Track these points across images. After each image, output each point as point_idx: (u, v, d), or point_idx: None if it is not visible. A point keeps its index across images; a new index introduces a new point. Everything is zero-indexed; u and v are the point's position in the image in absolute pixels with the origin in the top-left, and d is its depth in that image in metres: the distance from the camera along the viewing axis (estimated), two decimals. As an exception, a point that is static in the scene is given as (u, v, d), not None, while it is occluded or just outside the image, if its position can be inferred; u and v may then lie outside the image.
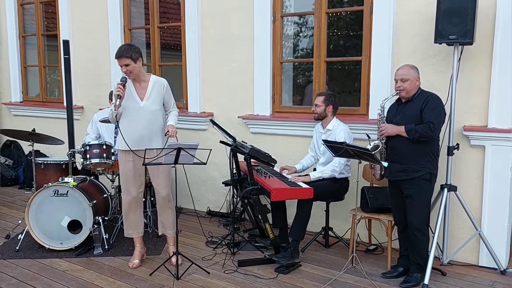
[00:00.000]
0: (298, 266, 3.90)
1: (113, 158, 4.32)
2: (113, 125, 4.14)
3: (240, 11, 4.95)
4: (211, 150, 3.75)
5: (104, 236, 4.25)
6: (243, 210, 5.01)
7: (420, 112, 3.42)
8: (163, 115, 3.87)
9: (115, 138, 4.30)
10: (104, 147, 4.27)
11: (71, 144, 5.39)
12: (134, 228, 3.98)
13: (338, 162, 3.98)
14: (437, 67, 3.96)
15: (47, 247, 4.17)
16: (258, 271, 3.82)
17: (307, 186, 3.83)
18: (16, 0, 6.87)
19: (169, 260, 3.88)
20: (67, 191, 4.15)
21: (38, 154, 6.32)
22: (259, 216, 3.98)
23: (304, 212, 3.89)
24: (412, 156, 3.44)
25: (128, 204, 3.89)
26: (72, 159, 4.57)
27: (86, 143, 4.29)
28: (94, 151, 4.24)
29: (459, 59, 3.74)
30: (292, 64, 5.58)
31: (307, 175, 4.05)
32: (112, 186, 4.69)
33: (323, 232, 4.42)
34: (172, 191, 3.89)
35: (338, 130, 4.07)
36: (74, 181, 4.25)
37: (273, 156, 4.11)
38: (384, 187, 3.90)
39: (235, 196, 4.71)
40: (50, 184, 4.19)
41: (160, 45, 5.70)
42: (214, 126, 4.31)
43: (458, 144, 3.80)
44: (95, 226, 4.15)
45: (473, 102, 3.86)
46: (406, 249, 3.70)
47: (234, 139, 4.14)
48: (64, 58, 5.46)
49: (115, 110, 3.61)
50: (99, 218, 4.26)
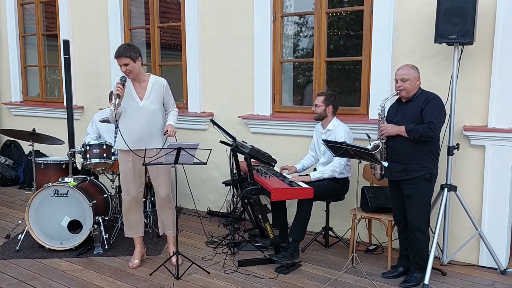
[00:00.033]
0: (298, 266, 3.90)
1: (113, 158, 4.31)
2: (113, 125, 4.14)
3: (240, 11, 4.95)
4: (211, 150, 3.75)
5: (104, 236, 4.25)
6: (243, 210, 5.01)
7: (420, 112, 3.42)
8: (163, 115, 3.86)
9: (115, 138, 4.30)
10: (104, 147, 4.27)
11: (71, 144, 5.39)
12: (134, 228, 3.98)
13: (338, 163, 3.97)
14: (437, 67, 3.96)
15: (47, 247, 4.17)
16: (258, 271, 3.82)
17: (307, 186, 3.83)
18: (16, 0, 6.87)
19: (169, 260, 3.88)
20: (67, 191, 4.15)
21: (38, 154, 6.32)
22: (259, 216, 3.97)
23: (304, 212, 3.89)
24: (412, 156, 3.44)
25: (128, 204, 3.89)
26: (72, 159, 4.57)
27: (86, 143, 4.29)
28: (94, 151, 4.23)
29: (459, 59, 3.74)
30: (292, 64, 5.58)
31: (307, 175, 4.05)
32: (112, 186, 4.69)
33: (323, 232, 4.42)
34: (172, 191, 3.89)
35: (338, 130, 4.07)
36: (74, 181, 4.26)
37: (273, 156, 4.11)
38: (384, 187, 3.90)
39: (235, 196, 4.71)
40: (50, 184, 4.19)
41: (160, 45, 5.70)
42: (214, 126, 4.30)
43: (458, 144, 3.80)
44: (95, 226, 4.15)
45: (473, 102, 3.86)
46: (406, 249, 3.70)
47: (234, 139, 4.14)
48: (64, 58, 5.46)
49: (114, 109, 3.60)
50: (99, 218, 4.26)
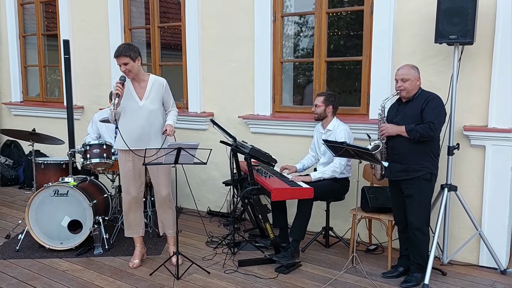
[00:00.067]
0: (298, 266, 3.90)
1: (113, 158, 4.31)
2: (113, 124, 4.15)
3: (240, 11, 4.95)
4: (211, 150, 3.75)
5: (104, 236, 4.25)
6: (244, 210, 5.01)
7: (420, 112, 3.41)
8: (163, 114, 3.86)
9: (115, 138, 4.30)
10: (104, 147, 4.27)
11: (71, 144, 5.39)
12: (134, 228, 3.98)
13: (339, 163, 3.97)
14: (437, 67, 3.96)
15: (47, 247, 4.17)
16: (259, 271, 3.82)
17: (308, 186, 3.83)
18: (16, 0, 6.86)
19: (169, 260, 3.88)
20: (67, 191, 4.15)
21: (38, 154, 6.32)
22: (259, 216, 3.97)
23: (304, 212, 3.89)
24: (412, 156, 3.44)
25: (128, 204, 3.89)
26: (72, 159, 4.58)
27: (87, 143, 4.29)
28: (94, 151, 4.23)
29: (459, 59, 3.74)
30: (292, 64, 5.58)
31: (307, 175, 4.05)
32: (112, 186, 4.69)
33: (323, 232, 4.42)
34: (172, 191, 3.88)
35: (339, 130, 4.07)
36: (74, 181, 4.26)
37: (273, 156, 4.11)
38: (384, 187, 3.90)
39: (236, 196, 4.71)
40: (50, 184, 4.19)
41: (160, 45, 5.69)
42: (214, 126, 4.30)
43: (458, 144, 3.80)
44: (95, 226, 4.15)
45: (473, 102, 3.86)
46: (407, 249, 3.70)
47: (235, 139, 4.14)
48: (64, 58, 5.46)
49: (114, 109, 3.61)
50: (99, 218, 4.26)
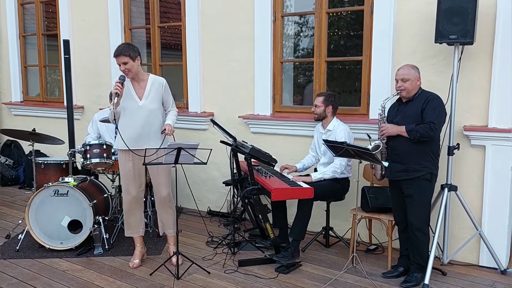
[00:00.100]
0: (298, 266, 3.90)
1: (113, 158, 4.31)
2: (113, 124, 4.15)
3: (240, 11, 4.95)
4: (211, 150, 3.75)
5: (104, 236, 4.25)
6: (244, 210, 5.01)
7: (420, 112, 3.41)
8: (162, 114, 3.86)
9: (116, 138, 4.30)
10: (104, 147, 4.27)
11: (71, 144, 5.39)
12: (134, 228, 3.97)
13: (339, 163, 3.97)
14: (437, 67, 3.96)
15: (47, 247, 4.17)
16: (259, 271, 3.82)
17: (308, 186, 3.83)
18: (16, -1, 6.89)
19: (169, 260, 3.88)
20: (67, 191, 4.15)
21: (38, 154, 6.32)
22: (260, 216, 3.97)
23: (304, 212, 3.89)
24: (412, 156, 3.44)
25: (128, 203, 3.89)
26: (73, 159, 4.58)
27: (87, 143, 4.29)
28: (95, 151, 4.23)
29: (460, 59, 3.74)
30: (292, 64, 5.57)
31: (308, 175, 4.05)
32: (113, 186, 4.69)
33: (323, 232, 4.42)
34: (172, 191, 3.89)
35: (339, 130, 4.07)
36: (74, 181, 4.26)
37: (273, 156, 4.11)
38: (384, 187, 3.90)
39: (236, 196, 4.71)
40: (50, 184, 4.19)
41: (160, 44, 5.70)
42: (214, 126, 4.30)
43: (458, 144, 3.80)
44: (96, 226, 4.15)
45: (473, 102, 3.86)
46: (407, 249, 3.70)
47: (235, 139, 4.14)
48: (65, 57, 5.46)
49: (113, 108, 3.61)
50: (100, 218, 4.26)
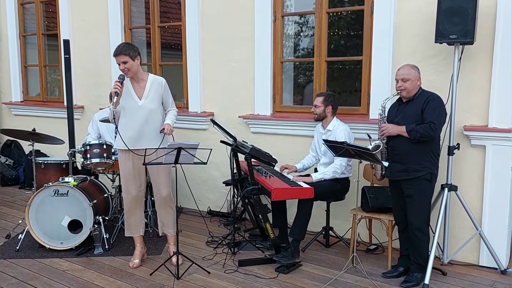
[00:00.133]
0: (298, 266, 3.90)
1: (113, 157, 4.31)
2: (113, 124, 4.15)
3: (240, 11, 4.95)
4: (211, 149, 3.75)
5: (104, 236, 4.25)
6: (244, 209, 5.01)
7: (421, 112, 3.41)
8: (162, 114, 3.86)
9: (116, 137, 4.30)
10: (104, 146, 4.27)
11: (72, 143, 5.39)
12: (134, 228, 3.97)
13: (340, 164, 3.97)
14: (437, 67, 3.96)
15: (48, 247, 4.17)
16: (259, 271, 3.82)
17: (308, 186, 3.83)
18: (16, -1, 6.88)
19: (169, 260, 3.88)
20: (68, 191, 4.15)
21: (39, 153, 6.32)
22: (260, 215, 3.97)
23: (304, 212, 3.89)
24: (413, 156, 3.43)
25: (128, 203, 3.89)
26: (73, 159, 4.58)
27: (87, 143, 4.29)
28: (95, 150, 4.23)
29: (460, 59, 3.74)
30: (292, 63, 5.57)
31: (308, 175, 4.05)
32: (113, 186, 4.69)
33: (323, 232, 4.42)
34: (172, 191, 3.88)
35: (339, 130, 4.07)
36: (74, 180, 4.25)
37: (273, 156, 4.11)
38: (384, 187, 3.90)
39: (236, 196, 4.71)
40: (51, 183, 4.19)
41: (160, 44, 5.70)
42: (214, 125, 4.30)
43: (458, 144, 3.80)
44: (96, 226, 4.15)
45: (473, 102, 3.86)
46: (407, 249, 3.70)
47: (235, 139, 4.14)
48: (65, 57, 5.46)
49: (113, 108, 3.61)
50: (100, 217, 4.26)
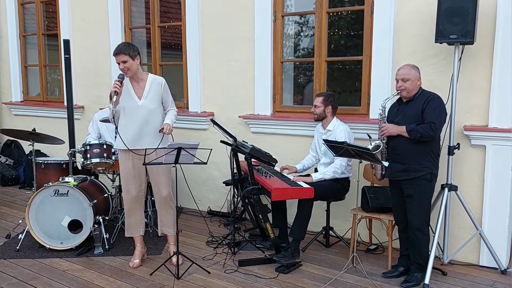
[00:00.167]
0: (298, 266, 3.90)
1: (113, 157, 4.32)
2: (113, 124, 4.16)
3: (240, 11, 4.95)
4: (211, 149, 3.75)
5: (104, 236, 4.24)
6: (244, 209, 5.01)
7: (421, 112, 3.41)
8: (162, 114, 3.86)
9: (116, 137, 4.30)
10: (104, 146, 4.27)
11: (72, 143, 5.39)
12: (134, 228, 3.97)
13: (340, 164, 3.97)
14: (437, 67, 3.96)
15: (48, 246, 4.17)
16: (259, 271, 3.82)
17: (308, 186, 3.83)
18: (16, -1, 6.88)
19: (169, 260, 3.88)
20: (68, 191, 4.15)
21: (39, 153, 6.32)
22: (260, 215, 3.97)
23: (304, 212, 3.88)
24: (413, 156, 3.43)
25: (128, 203, 3.89)
26: (73, 158, 4.58)
27: (87, 143, 4.29)
28: (95, 150, 4.23)
29: (460, 59, 3.74)
30: (293, 63, 5.57)
31: (309, 175, 4.05)
32: (113, 186, 4.69)
33: (323, 232, 4.42)
34: (172, 191, 3.89)
35: (339, 130, 4.07)
36: (74, 180, 4.25)
37: (273, 156, 4.11)
38: (384, 186, 3.90)
39: (236, 196, 4.71)
40: (51, 183, 4.19)
41: (160, 44, 5.70)
42: (214, 125, 4.30)
43: (458, 143, 3.80)
44: (96, 226, 4.15)
45: (473, 102, 3.86)
46: (407, 248, 3.70)
47: (235, 139, 4.14)
48: (65, 57, 5.46)
49: (113, 107, 3.61)
50: (100, 217, 4.25)
